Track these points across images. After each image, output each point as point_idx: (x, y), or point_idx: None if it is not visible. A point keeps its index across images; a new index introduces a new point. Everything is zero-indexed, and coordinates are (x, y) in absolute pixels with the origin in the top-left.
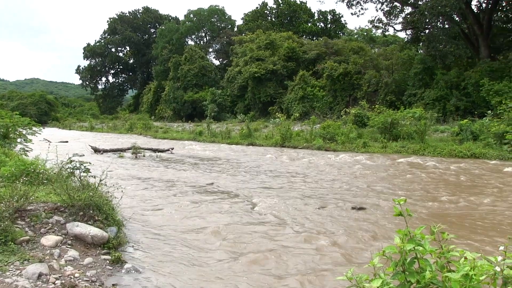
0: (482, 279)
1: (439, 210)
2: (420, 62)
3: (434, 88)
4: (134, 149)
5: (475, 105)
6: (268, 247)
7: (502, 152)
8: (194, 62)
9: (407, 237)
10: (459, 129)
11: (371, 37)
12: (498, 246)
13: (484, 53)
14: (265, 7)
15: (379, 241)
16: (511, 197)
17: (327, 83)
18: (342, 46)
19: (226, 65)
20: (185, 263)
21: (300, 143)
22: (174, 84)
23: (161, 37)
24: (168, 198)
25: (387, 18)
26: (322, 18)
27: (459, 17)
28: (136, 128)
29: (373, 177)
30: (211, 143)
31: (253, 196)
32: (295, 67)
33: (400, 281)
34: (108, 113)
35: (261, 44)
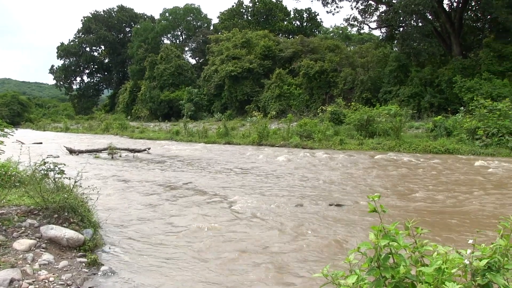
0: (453, 271)
1: (414, 206)
2: (395, 60)
3: (409, 85)
4: (110, 149)
5: (449, 102)
6: (246, 246)
7: (474, 147)
8: (170, 61)
9: (382, 233)
10: (433, 125)
11: (347, 35)
12: (467, 240)
13: (456, 50)
14: (241, 5)
15: (356, 237)
16: (482, 192)
17: (304, 81)
18: (318, 44)
19: (202, 64)
20: (163, 263)
21: (277, 141)
22: (150, 83)
23: (137, 36)
24: (146, 198)
25: (362, 16)
26: (298, 16)
27: (432, 15)
28: (112, 129)
29: (350, 174)
30: (188, 142)
31: (231, 194)
32: (272, 65)
33: (375, 277)
34: (84, 113)
35: (237, 42)
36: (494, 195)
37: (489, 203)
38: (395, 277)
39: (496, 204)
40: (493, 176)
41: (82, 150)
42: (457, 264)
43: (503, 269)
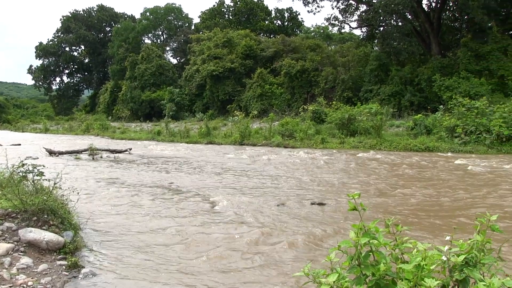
0: (432, 268)
1: (395, 203)
2: (376, 59)
3: (389, 84)
4: (91, 150)
5: (428, 100)
6: (228, 246)
7: (454, 145)
8: (151, 61)
9: (362, 231)
10: (414, 124)
11: (328, 35)
12: (446, 236)
13: (435, 50)
14: (222, 5)
15: (338, 235)
16: (461, 189)
17: (285, 80)
18: (299, 44)
19: (183, 63)
20: (145, 264)
21: (259, 141)
22: (131, 83)
23: (117, 36)
24: (127, 199)
25: (343, 16)
26: (279, 16)
27: (411, 15)
28: (93, 129)
29: (332, 173)
30: (170, 142)
31: (213, 194)
32: (253, 65)
33: (356, 275)
34: (64, 114)
35: (219, 42)
36: (473, 192)
37: (468, 199)
38: (375, 274)
39: (475, 200)
40: (471, 173)
41: (62, 151)
42: (436, 260)
43: (480, 264)
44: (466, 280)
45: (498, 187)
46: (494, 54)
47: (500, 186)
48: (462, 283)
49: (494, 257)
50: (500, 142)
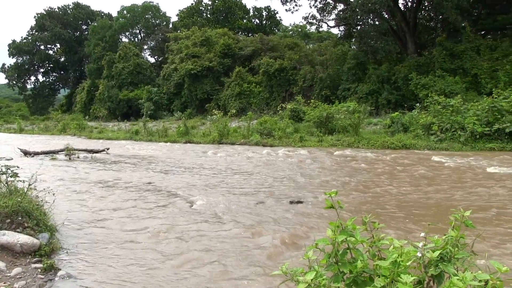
0: (408, 264)
1: (373, 200)
2: (353, 58)
3: (367, 82)
4: (67, 150)
5: (405, 98)
6: (206, 245)
7: (430, 142)
8: (128, 59)
9: (339, 228)
10: (391, 122)
11: (306, 33)
12: (420, 233)
13: (411, 49)
14: (200, 3)
15: (317, 233)
16: (437, 185)
17: (263, 79)
18: (278, 42)
19: (161, 62)
20: (123, 266)
21: (237, 139)
22: (108, 82)
23: (94, 34)
24: (105, 199)
25: (321, 15)
26: (257, 14)
27: (388, 14)
28: (70, 129)
29: (310, 171)
30: (148, 142)
31: (192, 194)
32: (231, 63)
33: (334, 272)
34: (39, 113)
35: (197, 41)
36: (449, 189)
37: (444, 196)
38: (353, 271)
39: (450, 197)
40: (447, 170)
41: (38, 152)
42: (412, 257)
43: (454, 259)
44: (441, 275)
45: (471, 183)
46: (468, 53)
47: (473, 182)
48: (437, 278)
49: (468, 252)
50: (474, 139)
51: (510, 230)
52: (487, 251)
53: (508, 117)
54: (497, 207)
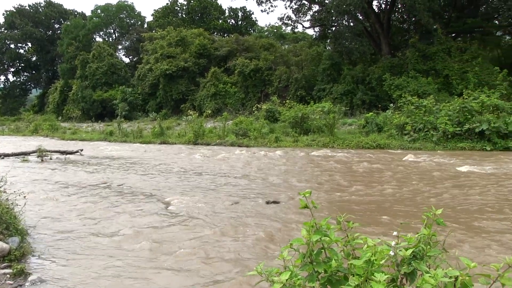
0: (382, 262)
1: (347, 200)
2: (328, 58)
3: (342, 83)
4: (39, 152)
5: (379, 99)
6: (182, 246)
7: (403, 142)
8: (102, 59)
9: (314, 228)
10: (365, 122)
11: (281, 34)
12: (393, 232)
13: (385, 50)
14: (175, 3)
15: (293, 233)
16: (411, 184)
17: (239, 79)
18: (253, 43)
19: (136, 62)
20: (96, 270)
21: (213, 140)
22: (82, 82)
23: (67, 33)
24: (78, 201)
25: (296, 16)
26: (233, 15)
27: (363, 15)
28: (42, 130)
29: (286, 171)
30: (123, 143)
31: (167, 195)
32: (207, 64)
33: (308, 272)
34: (10, 114)
35: (172, 41)
36: (421, 188)
37: (417, 195)
38: (327, 271)
39: (423, 195)
40: (420, 169)
41: (8, 154)
42: (385, 255)
43: (426, 256)
44: (413, 272)
45: (443, 182)
46: (439, 55)
47: (444, 181)
48: (410, 275)
49: (439, 250)
50: (446, 138)
51: (478, 226)
52: (457, 248)
53: (478, 118)
54: (467, 204)
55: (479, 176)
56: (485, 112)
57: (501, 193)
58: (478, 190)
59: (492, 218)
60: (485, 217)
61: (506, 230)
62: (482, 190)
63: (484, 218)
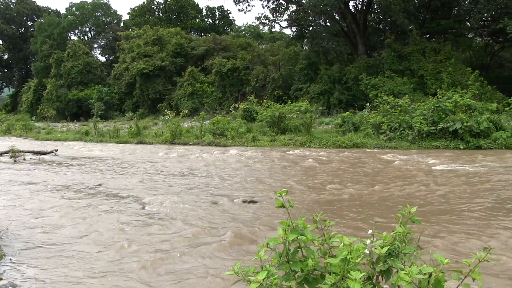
0: (358, 261)
1: (324, 198)
2: (305, 58)
3: (319, 82)
4: (12, 152)
5: (356, 98)
6: (159, 247)
7: (380, 141)
8: (78, 58)
9: (290, 227)
10: (342, 121)
11: (258, 34)
12: (367, 231)
13: (361, 50)
14: (152, 2)
15: (270, 232)
16: (386, 183)
17: (216, 79)
18: (230, 42)
19: (112, 61)
20: (69, 273)
21: (190, 140)
22: (56, 81)
23: (40, 31)
24: (53, 203)
25: (273, 15)
26: (210, 14)
27: (339, 16)
28: (15, 130)
29: (263, 170)
30: (99, 143)
31: (144, 195)
32: (184, 63)
33: (285, 271)
34: None
35: (149, 40)
36: (397, 186)
37: (393, 193)
38: (304, 270)
39: (399, 194)
40: (396, 168)
41: None
42: (361, 253)
43: (401, 254)
44: (389, 270)
45: (418, 180)
46: (414, 55)
47: (420, 179)
48: (385, 273)
49: (414, 247)
50: (421, 137)
51: (451, 223)
52: (431, 245)
53: (451, 117)
54: (441, 202)
55: (453, 174)
56: (458, 111)
57: (473, 190)
58: (452, 188)
59: (464, 215)
60: (458, 214)
61: (477, 227)
62: (456, 188)
63: (457, 215)
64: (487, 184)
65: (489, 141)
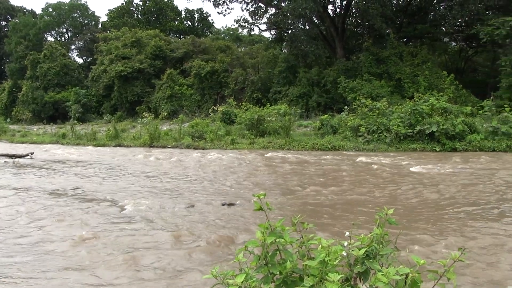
0: (336, 263)
1: (303, 201)
2: (284, 61)
3: (297, 85)
4: None
5: (334, 101)
6: (136, 251)
7: (358, 143)
8: (55, 60)
9: (268, 230)
10: (321, 124)
11: (238, 36)
12: (344, 233)
13: (340, 53)
14: (130, 3)
15: (248, 235)
16: (365, 185)
17: (195, 81)
18: (210, 45)
19: (90, 63)
20: (42, 279)
21: (169, 142)
22: (32, 83)
23: (15, 32)
24: (28, 207)
25: (253, 18)
26: (189, 16)
27: (318, 19)
28: None
29: (242, 173)
30: (76, 146)
31: (122, 198)
32: (163, 65)
33: (264, 274)
34: None
35: (127, 42)
36: (375, 188)
37: (371, 195)
38: (282, 272)
39: (377, 195)
40: (374, 170)
41: None
42: (339, 255)
43: (379, 255)
44: (367, 271)
45: (396, 182)
46: (392, 59)
47: (397, 181)
48: (363, 274)
49: (391, 248)
50: (399, 140)
51: (428, 224)
52: (408, 246)
53: (428, 120)
54: (418, 204)
55: (430, 176)
56: (434, 114)
57: (450, 192)
58: (429, 190)
59: (441, 216)
60: (435, 215)
61: (453, 228)
62: (432, 189)
63: (434, 216)
64: (463, 186)
65: (464, 143)
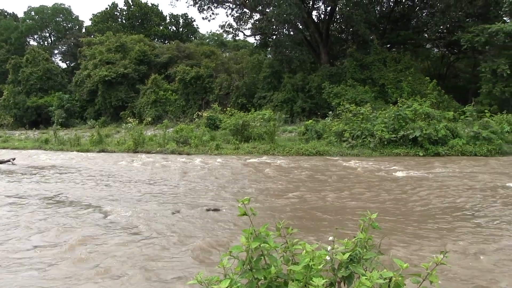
0: (320, 267)
1: (287, 206)
2: (269, 66)
3: (282, 90)
4: None
5: (319, 106)
6: (120, 258)
7: (342, 148)
8: (37, 64)
9: (253, 235)
10: (305, 129)
11: (222, 42)
12: (329, 237)
13: (324, 59)
14: (115, 8)
15: (233, 240)
16: (349, 189)
17: (180, 86)
18: (194, 50)
19: (74, 68)
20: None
21: (153, 148)
22: (14, 88)
23: None
24: (7, 214)
25: (237, 24)
26: (174, 21)
27: (303, 25)
28: None
29: (226, 178)
30: (59, 151)
31: (106, 204)
32: (147, 70)
33: (248, 279)
34: None
35: (111, 46)
36: (359, 193)
37: (355, 199)
38: (267, 277)
39: (361, 200)
40: (358, 175)
41: None
42: (323, 260)
43: (363, 259)
44: (351, 275)
45: (379, 186)
46: (376, 65)
47: (381, 185)
48: (347, 278)
49: (375, 252)
50: (382, 145)
51: (411, 228)
52: (392, 249)
53: (411, 125)
54: (402, 208)
55: (413, 180)
56: (417, 119)
57: (432, 196)
58: (412, 194)
59: (423, 220)
60: (418, 219)
61: (435, 232)
62: (415, 193)
63: (417, 220)
64: (445, 190)
65: (446, 148)
